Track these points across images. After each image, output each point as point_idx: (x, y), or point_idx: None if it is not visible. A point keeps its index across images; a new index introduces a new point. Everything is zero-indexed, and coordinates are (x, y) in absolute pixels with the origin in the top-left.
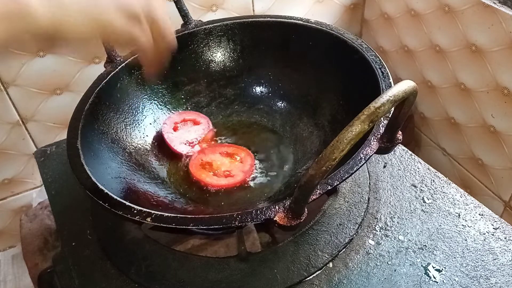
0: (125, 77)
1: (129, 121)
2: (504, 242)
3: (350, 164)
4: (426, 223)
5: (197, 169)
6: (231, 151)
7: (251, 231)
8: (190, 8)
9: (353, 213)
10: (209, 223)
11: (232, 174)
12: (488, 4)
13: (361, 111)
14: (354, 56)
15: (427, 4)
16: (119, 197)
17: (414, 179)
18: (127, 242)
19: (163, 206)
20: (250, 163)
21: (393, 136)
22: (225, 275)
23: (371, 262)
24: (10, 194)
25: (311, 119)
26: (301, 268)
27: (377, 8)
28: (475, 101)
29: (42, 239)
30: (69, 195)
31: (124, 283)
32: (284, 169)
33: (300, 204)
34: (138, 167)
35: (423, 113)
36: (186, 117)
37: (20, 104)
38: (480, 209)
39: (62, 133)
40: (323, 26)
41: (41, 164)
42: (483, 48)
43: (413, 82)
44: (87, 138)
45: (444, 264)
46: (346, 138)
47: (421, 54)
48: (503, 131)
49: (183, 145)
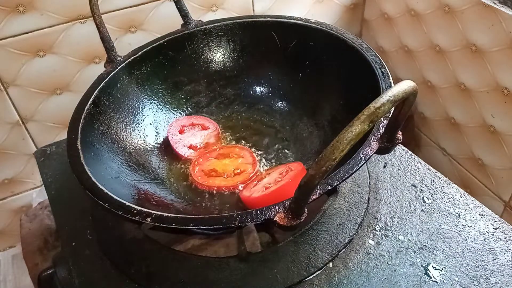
0: (125, 77)
1: (129, 121)
2: (504, 242)
3: (350, 164)
4: (426, 223)
5: (205, 180)
6: (223, 151)
7: (251, 231)
8: (190, 8)
9: (353, 213)
10: (209, 223)
11: (242, 169)
12: (488, 4)
13: (361, 111)
14: (354, 56)
15: (427, 4)
16: (118, 197)
17: (414, 179)
18: (127, 242)
19: (163, 206)
20: (250, 154)
21: (393, 136)
22: (225, 275)
23: (371, 262)
24: (10, 194)
25: (311, 119)
26: (301, 268)
27: (377, 8)
28: (475, 101)
29: (42, 239)
30: (69, 195)
31: (124, 283)
32: None
33: (300, 204)
34: (138, 167)
35: (423, 113)
36: (195, 121)
37: (20, 104)
38: (480, 209)
39: (62, 133)
40: (323, 26)
41: (41, 164)
42: (483, 48)
43: (413, 82)
44: (87, 138)
45: (444, 264)
46: (346, 138)
47: (421, 54)
48: (503, 131)
49: (186, 148)
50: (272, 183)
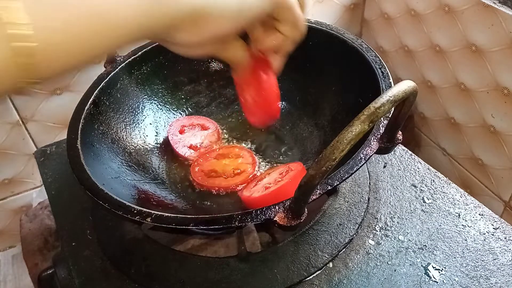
0: (125, 77)
1: (129, 121)
2: (504, 242)
3: (350, 164)
4: (426, 223)
5: (205, 180)
6: (223, 152)
7: (251, 231)
8: None
9: (353, 213)
10: (209, 223)
11: (242, 169)
12: (488, 4)
13: (361, 111)
14: (354, 56)
15: (427, 4)
16: (118, 197)
17: (414, 179)
18: (127, 242)
19: (163, 206)
20: (249, 154)
21: (393, 136)
22: (225, 275)
23: (371, 262)
24: (10, 194)
25: (311, 119)
26: (301, 268)
27: (377, 8)
28: (475, 101)
29: (42, 239)
30: (69, 195)
31: (124, 283)
32: None
33: (300, 204)
34: (138, 167)
35: (423, 113)
36: (195, 121)
37: (20, 104)
38: (480, 209)
39: (62, 133)
40: (323, 26)
41: (41, 164)
42: (483, 48)
43: (413, 82)
44: (87, 138)
45: (444, 264)
46: (346, 138)
47: (421, 54)
48: (503, 131)
49: (186, 148)
50: (272, 183)
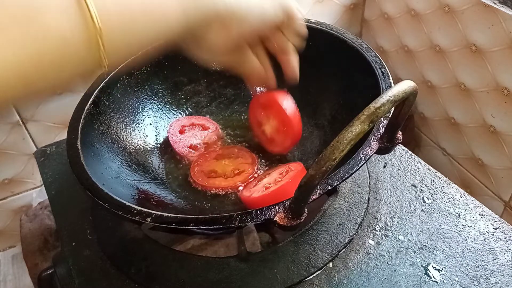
0: (125, 77)
1: (129, 121)
2: (504, 242)
3: (350, 164)
4: (426, 223)
5: (205, 180)
6: (223, 152)
7: (251, 231)
8: None
9: (353, 213)
10: (209, 223)
11: (241, 169)
12: (488, 4)
13: (361, 111)
14: (354, 56)
15: (427, 4)
16: (118, 197)
17: (414, 179)
18: (127, 242)
19: (163, 206)
20: (249, 155)
21: (393, 136)
22: (225, 275)
23: (371, 262)
24: (10, 194)
25: (311, 119)
26: (301, 268)
27: (377, 8)
28: (475, 101)
29: (42, 239)
30: (69, 195)
31: (124, 283)
32: None
33: (300, 204)
34: (138, 167)
35: (423, 113)
36: (195, 121)
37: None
38: (480, 209)
39: (62, 133)
40: (323, 26)
41: (41, 164)
42: (483, 48)
43: (413, 82)
44: (87, 138)
45: (444, 264)
46: (346, 138)
47: (421, 54)
48: (503, 131)
49: (186, 148)
50: (272, 183)
